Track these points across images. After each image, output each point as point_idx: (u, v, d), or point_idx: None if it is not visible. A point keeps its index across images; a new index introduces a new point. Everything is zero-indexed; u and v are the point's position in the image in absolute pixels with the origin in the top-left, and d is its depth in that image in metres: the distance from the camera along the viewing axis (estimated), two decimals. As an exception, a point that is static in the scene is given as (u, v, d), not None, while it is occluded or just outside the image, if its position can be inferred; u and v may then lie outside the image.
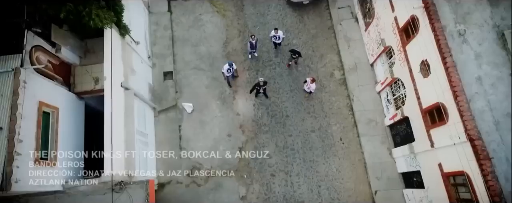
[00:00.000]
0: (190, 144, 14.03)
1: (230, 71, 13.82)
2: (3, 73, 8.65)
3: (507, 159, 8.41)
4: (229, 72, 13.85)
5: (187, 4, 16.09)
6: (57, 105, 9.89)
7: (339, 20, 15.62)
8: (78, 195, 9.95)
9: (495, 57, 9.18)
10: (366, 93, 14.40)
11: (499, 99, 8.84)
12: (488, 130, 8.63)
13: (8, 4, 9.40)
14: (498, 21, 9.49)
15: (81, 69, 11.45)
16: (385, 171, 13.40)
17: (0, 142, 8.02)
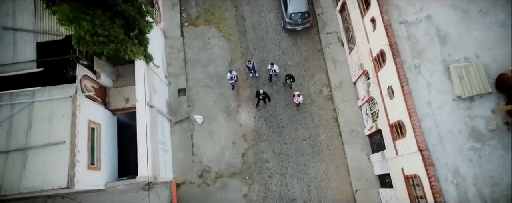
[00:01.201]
0: (200, 151, 16.68)
1: (232, 78, 16.51)
2: (63, 99, 11.28)
3: (447, 165, 11.02)
4: (232, 79, 16.56)
5: (197, 30, 18.74)
6: (99, 121, 12.53)
7: (327, 43, 18.27)
8: (116, 193, 12.58)
9: (442, 85, 11.80)
10: (349, 107, 17.04)
11: (443, 119, 11.45)
12: (434, 143, 11.24)
13: (63, 46, 12.02)
14: (445, 56, 12.11)
15: (114, 91, 14.06)
16: (364, 174, 16.03)
17: (64, 152, 10.65)
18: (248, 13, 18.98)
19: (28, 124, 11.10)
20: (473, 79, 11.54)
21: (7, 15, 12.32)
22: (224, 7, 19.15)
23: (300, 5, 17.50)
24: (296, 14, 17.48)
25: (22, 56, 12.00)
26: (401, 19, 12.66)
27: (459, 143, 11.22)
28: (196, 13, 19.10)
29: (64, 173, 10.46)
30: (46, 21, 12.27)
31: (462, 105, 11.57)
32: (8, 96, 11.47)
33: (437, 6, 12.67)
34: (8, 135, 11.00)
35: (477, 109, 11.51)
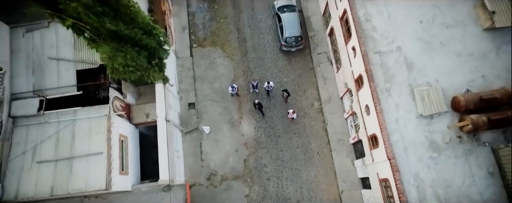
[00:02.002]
0: (208, 157, 19.32)
1: (233, 89, 19.18)
2: (99, 117, 13.93)
3: (410, 171, 13.64)
4: (233, 90, 19.23)
5: (204, 50, 21.39)
6: (126, 134, 15.16)
7: (318, 63, 20.91)
8: (140, 194, 15.22)
9: (407, 105, 14.42)
10: (337, 119, 19.68)
11: (408, 133, 14.07)
12: (400, 153, 13.86)
13: (98, 72, 14.66)
14: (411, 81, 14.74)
15: (136, 107, 16.69)
16: (349, 177, 18.67)
17: (102, 161, 13.29)
18: (249, 35, 21.63)
19: (72, 138, 13.75)
20: (432, 101, 14.17)
21: (52, 47, 14.97)
22: (228, 30, 21.80)
23: (294, 30, 20.16)
24: (291, 38, 20.14)
25: (64, 82, 14.65)
26: (376, 49, 15.28)
27: (420, 153, 13.85)
28: (204, 35, 21.75)
29: (102, 177, 13.11)
30: (84, 52, 14.92)
31: (424, 122, 14.20)
32: (55, 115, 14.13)
33: (405, 38, 15.30)
34: (56, 147, 13.65)
35: (435, 125, 14.14)
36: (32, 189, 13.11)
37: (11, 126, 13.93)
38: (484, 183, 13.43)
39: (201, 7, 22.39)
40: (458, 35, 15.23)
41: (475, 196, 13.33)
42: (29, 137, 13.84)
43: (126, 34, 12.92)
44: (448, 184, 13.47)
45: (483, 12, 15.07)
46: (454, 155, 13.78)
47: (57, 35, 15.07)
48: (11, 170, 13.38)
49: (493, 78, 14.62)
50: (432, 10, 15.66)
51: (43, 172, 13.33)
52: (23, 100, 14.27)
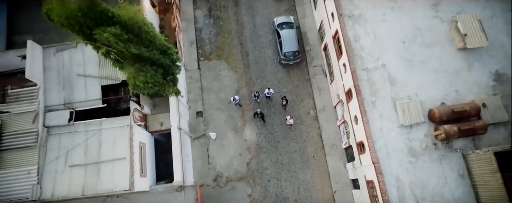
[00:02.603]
0: (214, 160, 21.43)
1: (235, 100, 21.31)
2: (122, 127, 16.04)
3: (391, 174, 15.75)
4: (235, 101, 21.34)
5: (210, 63, 23.50)
6: (144, 141, 17.27)
7: (314, 74, 23.02)
8: (156, 194, 17.32)
9: (390, 116, 16.52)
10: (330, 126, 21.79)
11: (390, 141, 16.17)
12: (383, 158, 15.96)
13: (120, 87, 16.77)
14: (394, 95, 16.84)
15: (152, 117, 18.79)
16: (341, 178, 20.78)
17: (125, 165, 15.40)
18: (251, 49, 23.74)
19: (99, 145, 15.87)
20: (412, 112, 16.28)
21: (79, 65, 17.10)
22: (232, 45, 23.91)
23: (292, 46, 22.27)
24: (289, 53, 22.25)
25: (91, 96, 16.77)
26: (363, 66, 17.39)
27: (400, 158, 15.96)
28: (210, 49, 23.87)
29: (126, 179, 15.23)
30: (107, 69, 17.04)
31: (404, 131, 16.31)
32: (83, 125, 16.25)
33: (389, 57, 17.40)
34: (85, 153, 15.77)
35: (414, 133, 16.25)
36: (66, 189, 15.22)
37: (46, 134, 16.04)
38: (455, 184, 15.54)
39: (207, 23, 24.51)
40: (435, 54, 17.34)
41: (447, 195, 15.43)
42: (62, 144, 15.96)
43: (146, 56, 15.06)
44: (424, 185, 15.58)
45: (457, 34, 17.18)
46: (429, 159, 15.89)
47: (83, 54, 17.19)
48: (47, 173, 15.50)
49: (465, 92, 16.74)
50: (413, 32, 17.77)
51: (74, 174, 15.45)
52: (56, 112, 16.39)
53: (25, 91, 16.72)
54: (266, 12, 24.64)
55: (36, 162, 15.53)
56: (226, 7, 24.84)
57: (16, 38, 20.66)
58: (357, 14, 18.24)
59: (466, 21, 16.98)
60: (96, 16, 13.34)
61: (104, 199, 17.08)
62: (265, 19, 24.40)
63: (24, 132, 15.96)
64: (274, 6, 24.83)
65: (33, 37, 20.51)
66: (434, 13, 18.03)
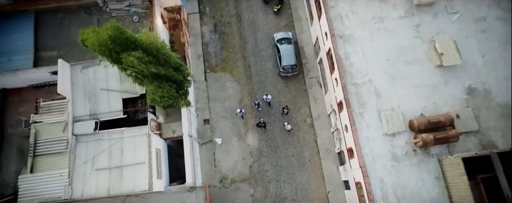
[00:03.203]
0: (220, 164, 23.75)
1: (241, 112, 23.61)
2: (141, 135, 18.35)
3: (376, 176, 18.06)
4: (240, 112, 23.65)
5: (216, 75, 25.83)
6: (160, 147, 19.59)
7: (310, 85, 25.34)
8: (170, 194, 19.64)
9: (375, 126, 18.83)
10: (325, 132, 24.11)
11: (376, 147, 18.47)
12: (369, 162, 18.27)
13: (138, 100, 19.11)
14: (379, 107, 19.15)
15: (165, 125, 21.07)
16: (334, 179, 23.10)
17: (144, 169, 17.71)
18: (253, 62, 26.07)
19: (121, 151, 18.20)
20: (395, 122, 18.60)
21: (103, 80, 19.44)
22: (236, 58, 26.24)
23: (290, 60, 24.60)
24: (287, 66, 24.58)
25: (113, 107, 19.09)
26: (352, 81, 19.71)
27: (384, 162, 18.27)
28: (215, 62, 26.21)
29: (145, 181, 17.55)
30: (127, 84, 19.36)
31: (388, 139, 18.63)
32: (107, 134, 18.58)
33: (375, 73, 19.70)
34: (109, 158, 18.10)
35: (396, 141, 18.56)
36: (93, 189, 17.55)
37: (74, 142, 18.37)
38: (431, 185, 17.85)
39: (213, 38, 26.86)
40: (416, 70, 19.65)
41: (424, 195, 17.75)
42: (89, 150, 18.29)
43: (163, 73, 17.40)
44: (405, 186, 17.90)
45: (435, 53, 19.50)
46: (409, 164, 18.21)
47: (106, 71, 19.51)
48: (77, 175, 17.83)
49: (441, 104, 19.06)
50: (397, 50, 20.08)
51: (100, 177, 17.78)
52: (83, 122, 18.71)
53: (56, 103, 19.04)
54: (266, 27, 26.98)
55: (67, 166, 17.86)
56: (230, 23, 27.19)
57: (42, 54, 22.91)
58: (347, 34, 20.57)
59: (443, 41, 19.31)
60: (122, 42, 15.69)
61: (124, 199, 19.42)
62: (266, 34, 26.73)
63: (56, 139, 18.29)
64: (274, 22, 27.18)
65: (57, 53, 22.94)
66: (416, 33, 20.35)
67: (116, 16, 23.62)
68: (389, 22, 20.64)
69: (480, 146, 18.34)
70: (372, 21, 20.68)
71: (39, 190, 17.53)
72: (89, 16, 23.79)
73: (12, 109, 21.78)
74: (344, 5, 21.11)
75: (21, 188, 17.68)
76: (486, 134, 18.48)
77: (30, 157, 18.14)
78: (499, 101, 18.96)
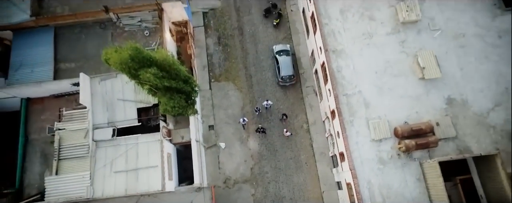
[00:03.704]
0: (224, 166, 25.92)
1: (244, 121, 25.78)
2: (154, 141, 20.52)
3: (364, 178, 20.22)
4: (243, 121, 25.82)
5: (220, 84, 28.01)
6: (170, 152, 21.74)
7: (306, 94, 27.52)
8: (180, 193, 21.78)
9: (364, 132, 20.97)
10: (320, 137, 26.28)
11: (364, 152, 20.62)
12: (358, 165, 20.42)
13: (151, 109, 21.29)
14: (367, 115, 21.31)
15: (175, 131, 23.20)
16: (328, 180, 25.27)
17: (158, 171, 19.87)
18: (254, 72, 28.25)
19: (136, 156, 20.36)
20: (381, 129, 20.76)
21: (119, 92, 21.60)
22: (238, 68, 28.42)
23: (288, 70, 26.79)
24: (286, 76, 26.77)
25: (129, 116, 21.24)
26: (344, 92, 21.86)
27: (371, 165, 20.43)
28: (219, 72, 28.39)
29: (158, 182, 19.70)
30: (141, 95, 21.51)
31: (375, 144, 20.79)
32: (124, 140, 20.73)
33: (365, 84, 21.85)
34: (126, 162, 20.25)
35: (382, 146, 20.73)
36: (112, 190, 19.71)
37: (94, 147, 20.52)
38: (413, 186, 20.02)
39: (217, 49, 29.04)
40: (401, 82, 21.81)
41: (407, 195, 19.91)
42: (107, 155, 20.44)
43: (175, 86, 19.58)
44: (389, 186, 20.06)
45: (418, 67, 21.67)
46: (394, 167, 20.38)
47: (122, 83, 21.66)
48: (97, 177, 19.98)
49: (423, 113, 21.22)
50: (384, 64, 22.24)
51: (118, 178, 19.94)
52: (102, 129, 20.86)
53: (77, 112, 21.19)
54: (266, 40, 29.17)
55: (88, 169, 20.00)
56: (233, 35, 29.37)
57: (61, 66, 25.00)
58: (340, 49, 22.74)
59: (425, 56, 21.48)
60: (140, 60, 17.87)
61: (138, 198, 21.56)
62: (266, 46, 28.92)
63: (78, 145, 20.44)
64: (274, 34, 29.37)
65: (75, 65, 25.06)
66: (401, 48, 22.52)
67: (129, 31, 25.76)
68: (377, 38, 22.81)
69: (457, 151, 20.50)
70: (362, 37, 22.85)
71: (64, 190, 19.66)
72: (104, 30, 25.90)
73: (35, 116, 23.92)
74: (337, 22, 23.29)
75: (47, 188, 19.81)
76: (463, 140, 20.65)
77: (55, 160, 20.29)
78: (475, 111, 21.14)
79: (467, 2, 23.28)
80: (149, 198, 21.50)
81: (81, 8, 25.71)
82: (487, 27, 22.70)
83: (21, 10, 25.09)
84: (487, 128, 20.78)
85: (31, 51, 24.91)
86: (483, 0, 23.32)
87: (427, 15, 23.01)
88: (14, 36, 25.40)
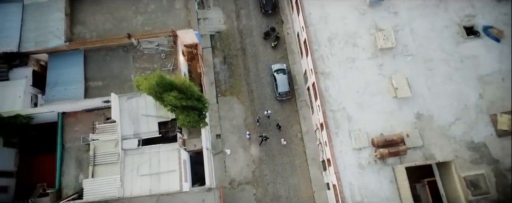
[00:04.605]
0: (229, 169, 30.20)
1: (249, 135, 30.08)
2: (173, 150, 24.80)
3: (347, 180, 24.47)
4: (248, 136, 30.12)
5: (225, 99, 32.29)
6: (185, 158, 26.02)
7: (300, 107, 31.81)
8: (193, 193, 26.04)
9: (347, 142, 25.20)
10: (312, 145, 30.56)
11: (347, 159, 24.87)
12: (342, 170, 24.67)
13: (169, 123, 25.59)
14: (350, 128, 25.56)
15: (188, 141, 27.45)
16: (319, 182, 29.55)
17: (176, 175, 24.12)
18: (255, 88, 32.53)
19: (158, 162, 24.63)
20: (361, 140, 25.03)
21: (143, 108, 25.86)
22: (241, 84, 32.70)
23: (285, 87, 31.08)
24: (282, 92, 31.08)
25: (151, 129, 25.47)
26: (330, 108, 26.14)
27: (353, 170, 24.70)
28: (225, 88, 32.67)
29: (177, 184, 23.95)
30: (161, 111, 25.76)
31: (356, 152, 25.05)
32: (148, 148, 24.99)
33: (348, 102, 26.11)
34: (149, 167, 24.52)
35: (362, 154, 24.99)
36: (139, 190, 23.96)
37: (123, 155, 24.78)
38: (387, 187, 24.27)
39: (222, 68, 33.33)
40: (378, 100, 26.09)
41: (381, 194, 24.16)
42: (134, 161, 24.70)
43: (190, 105, 23.86)
44: (367, 187, 24.32)
45: (392, 87, 25.94)
46: (371, 171, 24.64)
47: (146, 101, 25.92)
48: (126, 180, 24.23)
49: (396, 126, 25.48)
50: (364, 84, 26.49)
51: (144, 181, 24.19)
52: (129, 140, 25.11)
53: (108, 126, 25.47)
54: (266, 59, 33.46)
55: (119, 173, 24.25)
56: (236, 55, 33.67)
57: (90, 84, 29.25)
58: (327, 71, 27.02)
59: (398, 78, 25.77)
60: (163, 85, 22.16)
61: (158, 197, 25.82)
62: (265, 65, 33.21)
63: (110, 153, 24.71)
64: (272, 54, 33.66)
65: (102, 83, 29.34)
66: (379, 71, 26.79)
67: (147, 54, 30.04)
68: (359, 62, 27.09)
69: (424, 158, 24.78)
70: (346, 61, 27.15)
71: (99, 191, 23.90)
72: (126, 53, 30.18)
73: (69, 128, 28.17)
74: (325, 49, 27.60)
75: (85, 189, 24.05)
76: (428, 148, 24.93)
77: (91, 166, 24.57)
78: (439, 124, 25.42)
79: (436, 31, 27.55)
80: (168, 197, 25.74)
81: (107, 34, 30.14)
82: (451, 53, 27.00)
83: (56, 37, 29.47)
84: (449, 139, 25.06)
85: (64, 71, 29.18)
86: (449, 30, 27.62)
87: (401, 42, 27.30)
88: (49, 58, 29.69)
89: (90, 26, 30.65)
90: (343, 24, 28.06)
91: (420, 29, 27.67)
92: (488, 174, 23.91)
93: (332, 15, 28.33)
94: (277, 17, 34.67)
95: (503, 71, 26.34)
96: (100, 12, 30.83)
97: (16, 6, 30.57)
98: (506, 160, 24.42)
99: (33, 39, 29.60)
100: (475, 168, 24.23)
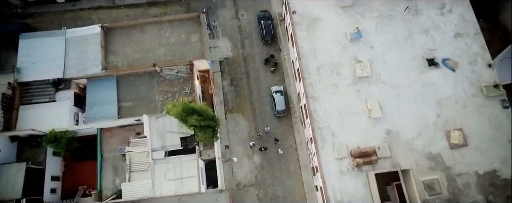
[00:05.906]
0: (236, 174, 36.67)
1: (253, 144, 36.57)
2: (193, 159, 31.25)
3: (330, 183, 30.89)
4: (252, 145, 36.61)
5: (232, 115, 38.75)
6: (202, 166, 32.44)
7: (295, 122, 38.27)
8: (208, 194, 32.50)
9: (331, 154, 31.62)
10: (304, 154, 37.03)
11: (331, 167, 31.25)
12: (327, 175, 31.05)
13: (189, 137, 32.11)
14: (334, 142, 32.00)
15: (203, 151, 33.87)
16: (310, 185, 36.03)
17: (196, 180, 30.55)
18: (257, 106, 39.00)
19: (181, 169, 31.08)
20: (342, 151, 31.48)
21: (168, 125, 32.29)
22: (245, 103, 39.18)
23: (282, 106, 37.60)
24: (280, 111, 37.60)
25: (175, 142, 31.88)
26: (318, 126, 32.55)
27: (335, 175, 31.13)
28: (232, 106, 39.16)
29: (196, 187, 30.39)
30: (183, 128, 32.20)
31: (338, 162, 31.46)
32: (172, 158, 31.44)
33: (332, 121, 32.51)
34: (174, 173, 30.96)
35: (342, 162, 31.40)
36: (166, 192, 30.40)
37: (153, 164, 31.20)
38: (362, 189, 30.69)
39: (230, 89, 39.82)
40: (356, 119, 32.52)
41: (357, 195, 30.58)
42: (162, 168, 31.13)
43: (206, 124, 30.36)
44: (346, 189, 30.75)
45: (367, 109, 32.40)
46: (350, 176, 31.08)
47: (170, 120, 32.32)
48: (156, 183, 30.63)
49: (370, 141, 31.90)
50: (345, 106, 32.90)
51: (170, 184, 30.62)
52: (157, 151, 31.54)
53: (141, 140, 31.92)
54: (266, 81, 39.93)
55: (150, 178, 30.68)
56: (241, 78, 40.16)
57: (122, 104, 35.62)
58: (315, 96, 33.46)
59: (372, 102, 32.25)
60: (187, 110, 28.62)
61: (180, 197, 32.27)
62: (266, 87, 39.69)
63: (142, 162, 31.17)
64: (271, 77, 40.13)
65: (132, 104, 35.76)
66: (357, 96, 33.23)
67: (169, 79, 36.47)
68: (341, 88, 33.53)
69: (391, 166, 31.21)
70: (331, 87, 33.59)
71: (134, 192, 30.36)
72: (151, 78, 36.59)
73: (106, 140, 34.64)
74: (314, 77, 34.04)
75: (123, 191, 30.48)
76: (395, 158, 31.39)
77: (128, 172, 31.04)
78: (404, 139, 31.87)
79: (404, 62, 33.99)
80: (187, 197, 32.27)
81: (135, 63, 36.54)
82: (415, 80, 33.45)
83: (94, 65, 35.88)
84: (412, 151, 31.52)
85: (100, 93, 35.60)
86: (414, 61, 34.08)
87: (375, 72, 33.75)
88: (88, 82, 36.12)
89: (121, 56, 37.01)
90: (329, 56, 34.50)
91: (391, 61, 34.10)
92: (441, 179, 30.38)
93: (320, 48, 34.77)
94: (276, 46, 41.16)
95: (456, 96, 32.80)
96: (130, 44, 37.22)
97: (60, 39, 36.97)
98: (456, 167, 30.90)
99: (75, 67, 35.98)
100: (431, 173, 30.71)
